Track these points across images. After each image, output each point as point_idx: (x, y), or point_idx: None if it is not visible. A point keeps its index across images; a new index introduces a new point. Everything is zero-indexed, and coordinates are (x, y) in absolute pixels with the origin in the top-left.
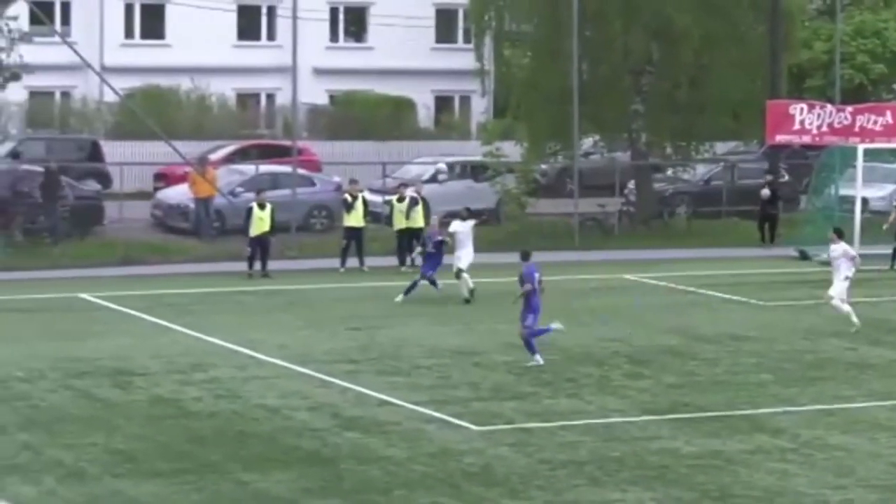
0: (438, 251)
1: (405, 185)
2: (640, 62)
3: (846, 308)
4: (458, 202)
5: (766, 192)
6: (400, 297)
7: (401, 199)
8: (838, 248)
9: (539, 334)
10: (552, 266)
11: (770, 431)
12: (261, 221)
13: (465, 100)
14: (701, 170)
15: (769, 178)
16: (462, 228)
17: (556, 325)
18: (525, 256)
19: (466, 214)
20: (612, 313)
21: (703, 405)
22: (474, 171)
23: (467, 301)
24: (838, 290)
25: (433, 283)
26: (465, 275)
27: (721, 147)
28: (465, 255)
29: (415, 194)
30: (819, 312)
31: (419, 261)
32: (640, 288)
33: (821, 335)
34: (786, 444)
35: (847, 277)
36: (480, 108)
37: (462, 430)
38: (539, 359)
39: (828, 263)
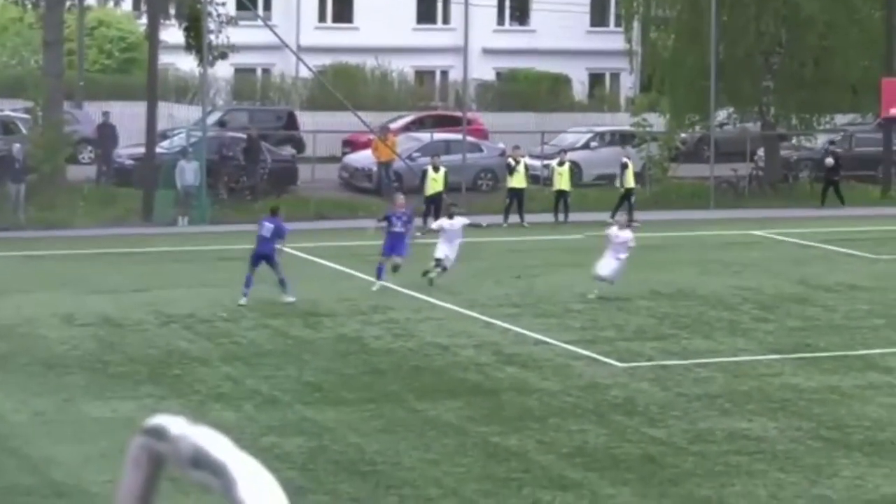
0: (405, 229)
1: (564, 151)
2: (771, 44)
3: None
4: (608, 166)
5: (829, 160)
6: (377, 285)
7: (561, 164)
8: (623, 233)
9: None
10: (690, 223)
11: (881, 370)
12: (434, 182)
13: (616, 76)
14: (822, 139)
15: (832, 148)
16: (449, 227)
17: (288, 298)
18: (273, 211)
19: (455, 211)
20: (743, 265)
21: (823, 346)
22: (623, 139)
23: (426, 274)
24: (613, 268)
25: (381, 270)
26: (438, 270)
27: (840, 119)
28: (448, 251)
29: (626, 159)
30: None
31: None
32: (767, 242)
33: None
34: (895, 381)
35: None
36: (629, 83)
37: (608, 366)
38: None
39: None
